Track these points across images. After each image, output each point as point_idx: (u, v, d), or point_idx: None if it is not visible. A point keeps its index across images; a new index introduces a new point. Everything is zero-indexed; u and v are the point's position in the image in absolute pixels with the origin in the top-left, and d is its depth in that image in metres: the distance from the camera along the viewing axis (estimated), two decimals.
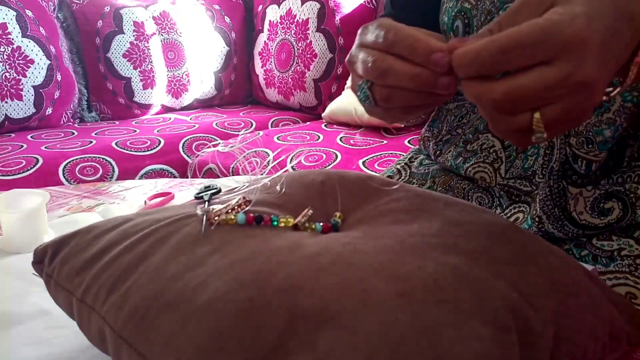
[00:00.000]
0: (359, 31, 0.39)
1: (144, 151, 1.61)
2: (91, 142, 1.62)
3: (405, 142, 1.43)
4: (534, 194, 0.50)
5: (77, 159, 1.51)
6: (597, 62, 0.30)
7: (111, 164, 1.54)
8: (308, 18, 1.91)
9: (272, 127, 1.91)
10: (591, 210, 0.46)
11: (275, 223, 0.35)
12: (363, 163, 1.32)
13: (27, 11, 1.79)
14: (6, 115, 1.72)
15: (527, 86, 0.30)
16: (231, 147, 0.44)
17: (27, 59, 1.75)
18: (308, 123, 1.83)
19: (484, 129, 0.54)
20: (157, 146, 1.64)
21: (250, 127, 1.88)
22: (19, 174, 1.42)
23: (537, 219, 0.48)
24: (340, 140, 1.50)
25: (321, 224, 0.35)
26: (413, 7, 0.62)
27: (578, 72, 0.30)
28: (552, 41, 0.29)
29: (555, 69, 0.30)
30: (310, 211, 0.37)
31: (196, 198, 0.44)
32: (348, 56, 0.40)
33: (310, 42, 1.91)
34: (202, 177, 1.49)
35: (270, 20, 2.07)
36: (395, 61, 0.37)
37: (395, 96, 0.37)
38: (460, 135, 0.58)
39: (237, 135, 1.73)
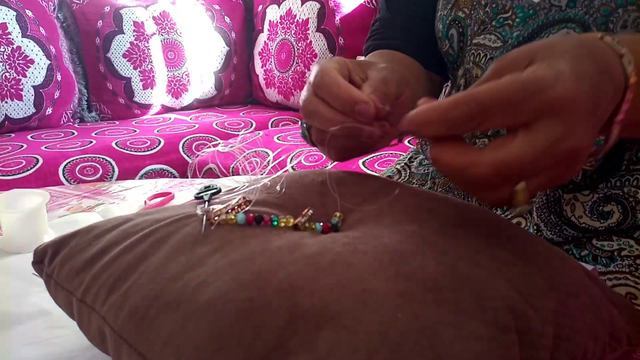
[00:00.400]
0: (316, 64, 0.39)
1: (144, 151, 1.61)
2: (91, 142, 1.62)
3: (405, 142, 1.43)
4: (530, 202, 0.50)
5: (77, 159, 1.51)
6: (587, 127, 0.27)
7: (111, 164, 1.54)
8: (308, 18, 1.91)
9: (272, 127, 1.91)
10: (590, 214, 0.46)
11: (275, 223, 0.35)
12: (363, 163, 1.32)
13: (27, 11, 1.79)
14: (6, 115, 1.72)
15: (516, 158, 0.27)
16: (231, 147, 0.44)
17: (27, 59, 1.75)
18: None
19: (481, 133, 0.54)
20: (157, 146, 1.64)
21: (250, 127, 1.88)
22: (19, 174, 1.42)
23: (535, 227, 0.48)
24: None
25: (321, 224, 0.35)
26: (409, 10, 0.62)
27: (568, 138, 0.27)
28: (536, 99, 0.26)
29: (542, 134, 0.27)
30: (311, 211, 0.37)
31: (196, 198, 0.44)
32: None
33: (310, 42, 1.91)
34: (202, 177, 1.49)
35: (270, 20, 2.07)
36: (321, 105, 0.36)
37: (327, 138, 0.37)
38: None
39: (237, 135, 1.73)
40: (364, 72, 0.40)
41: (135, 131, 1.77)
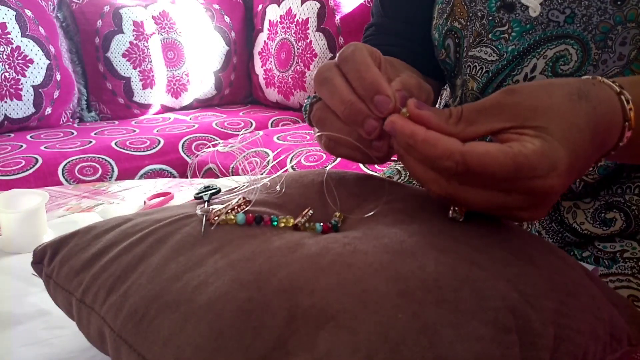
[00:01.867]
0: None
1: (143, 151, 1.61)
2: (90, 142, 1.62)
3: None
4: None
5: (76, 159, 1.51)
6: (550, 205, 0.32)
7: (110, 164, 1.54)
8: (308, 17, 1.91)
9: (272, 126, 1.91)
10: (592, 220, 0.46)
11: (275, 223, 0.35)
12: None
13: (26, 11, 1.78)
14: (5, 115, 1.72)
15: (496, 202, 0.30)
16: (231, 147, 0.44)
17: (27, 58, 1.75)
18: None
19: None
20: (156, 146, 1.64)
21: (250, 127, 1.88)
22: (18, 173, 1.42)
23: (536, 234, 0.48)
24: None
25: (321, 224, 0.35)
26: (405, 16, 0.60)
27: (525, 212, 0.31)
28: (523, 183, 0.29)
29: (506, 199, 0.30)
30: (311, 211, 0.37)
31: (196, 198, 0.44)
32: None
33: (310, 41, 1.91)
34: (201, 177, 1.49)
35: (270, 20, 2.07)
36: (338, 76, 0.34)
37: (326, 122, 0.35)
38: None
39: (237, 135, 1.72)
40: (396, 74, 0.38)
41: (135, 131, 1.77)
